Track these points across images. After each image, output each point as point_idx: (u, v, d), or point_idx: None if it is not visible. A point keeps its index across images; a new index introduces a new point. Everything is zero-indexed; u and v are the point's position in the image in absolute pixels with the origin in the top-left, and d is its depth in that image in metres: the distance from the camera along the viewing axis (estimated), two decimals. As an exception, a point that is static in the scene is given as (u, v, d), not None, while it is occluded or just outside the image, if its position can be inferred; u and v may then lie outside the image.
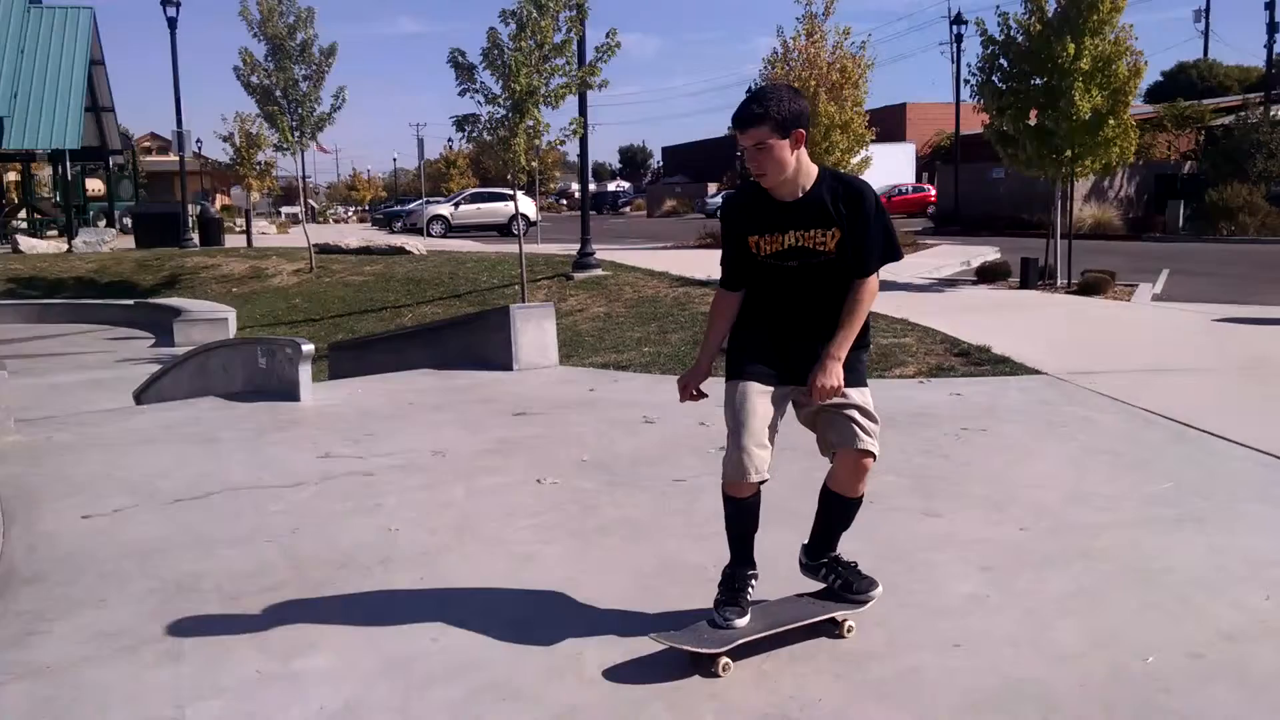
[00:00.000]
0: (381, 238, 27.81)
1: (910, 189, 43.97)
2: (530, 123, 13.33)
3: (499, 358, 8.82)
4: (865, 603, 3.28)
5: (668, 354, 9.62)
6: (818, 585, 3.37)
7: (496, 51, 13.04)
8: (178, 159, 29.94)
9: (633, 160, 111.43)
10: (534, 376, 8.52)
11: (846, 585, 3.30)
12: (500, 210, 35.38)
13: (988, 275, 15.27)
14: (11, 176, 42.37)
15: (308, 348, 7.36)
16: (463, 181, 56.93)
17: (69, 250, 25.46)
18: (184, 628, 3.47)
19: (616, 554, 4.18)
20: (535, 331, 8.93)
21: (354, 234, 29.78)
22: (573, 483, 5.20)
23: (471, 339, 9.51)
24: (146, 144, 64.22)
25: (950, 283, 15.52)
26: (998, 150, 14.63)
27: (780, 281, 3.11)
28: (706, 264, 16.31)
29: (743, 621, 3.11)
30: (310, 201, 28.33)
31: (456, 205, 37.43)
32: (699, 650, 2.99)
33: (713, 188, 57.64)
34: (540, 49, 13.01)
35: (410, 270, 18.69)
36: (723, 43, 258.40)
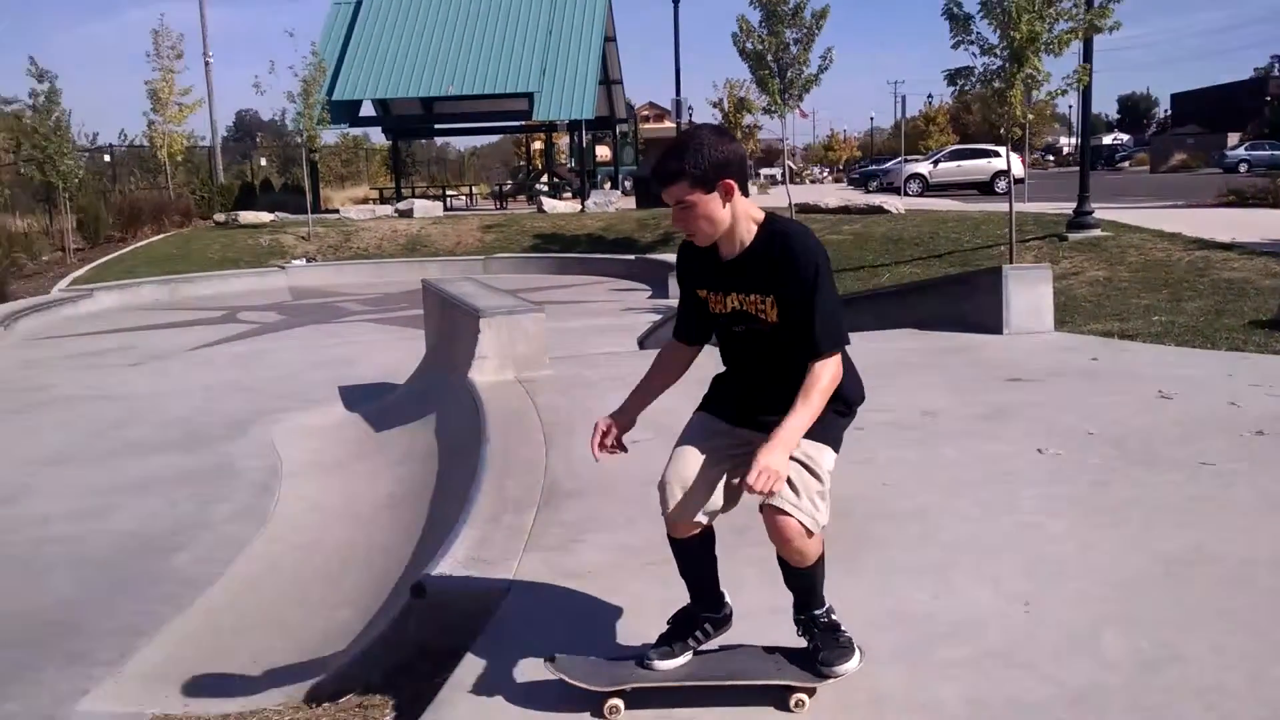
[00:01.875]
0: (859, 197, 27.84)
1: None
2: (1029, 72, 12.56)
3: (986, 321, 8.45)
4: (827, 677, 2.72)
5: (1183, 324, 8.64)
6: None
7: (996, -2, 12.42)
8: (671, 125, 32.27)
9: (1134, 110, 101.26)
10: (1026, 341, 8.05)
11: (814, 650, 2.76)
12: (982, 167, 33.94)
13: None
14: (536, 145, 48.45)
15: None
16: (942, 139, 55.37)
17: (582, 210, 28.47)
18: (698, 554, 3.74)
19: (1135, 535, 3.83)
20: (1029, 294, 8.43)
21: (831, 194, 30.12)
22: (1077, 456, 4.85)
23: (956, 300, 9.21)
24: (645, 113, 70.12)
25: None
26: None
27: (734, 344, 2.75)
28: (1228, 225, 14.34)
29: (668, 665, 2.79)
30: (789, 163, 29.13)
31: (935, 163, 36.41)
32: (582, 686, 2.72)
33: (1234, 138, 50.24)
34: (1046, -9, 12.18)
35: (888, 229, 18.51)
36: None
